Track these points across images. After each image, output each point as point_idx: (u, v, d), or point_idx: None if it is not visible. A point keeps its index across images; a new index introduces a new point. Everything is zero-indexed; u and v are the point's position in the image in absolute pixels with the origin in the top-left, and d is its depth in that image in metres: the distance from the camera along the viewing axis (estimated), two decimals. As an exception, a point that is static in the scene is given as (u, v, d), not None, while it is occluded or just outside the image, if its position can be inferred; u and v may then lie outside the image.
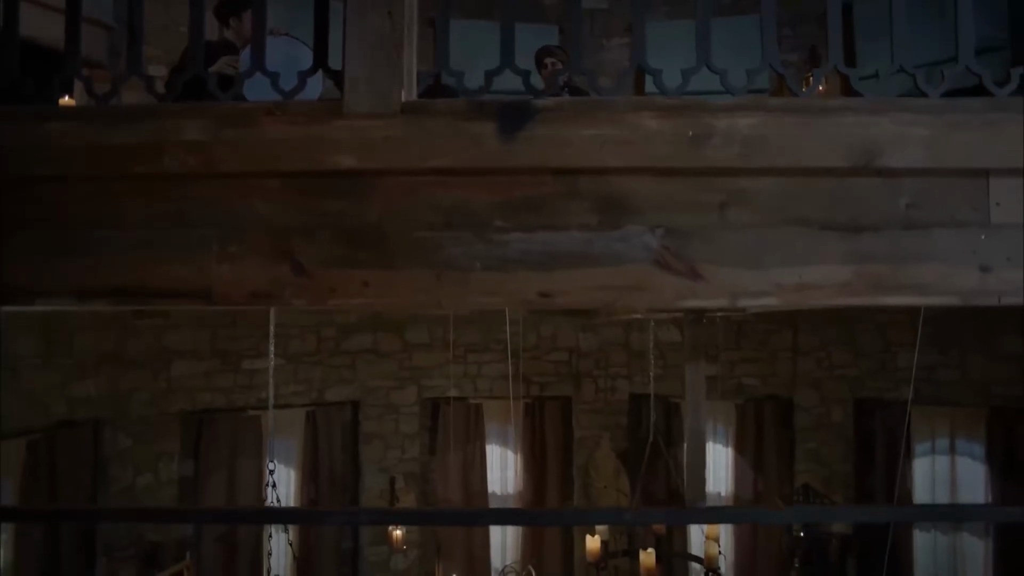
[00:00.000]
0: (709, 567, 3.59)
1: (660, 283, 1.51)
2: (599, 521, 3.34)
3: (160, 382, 5.40)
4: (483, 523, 1.96)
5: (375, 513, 3.05)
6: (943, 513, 2.98)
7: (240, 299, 1.54)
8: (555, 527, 6.49)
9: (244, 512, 3.19)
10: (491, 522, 2.11)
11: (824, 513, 1.83)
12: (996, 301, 1.51)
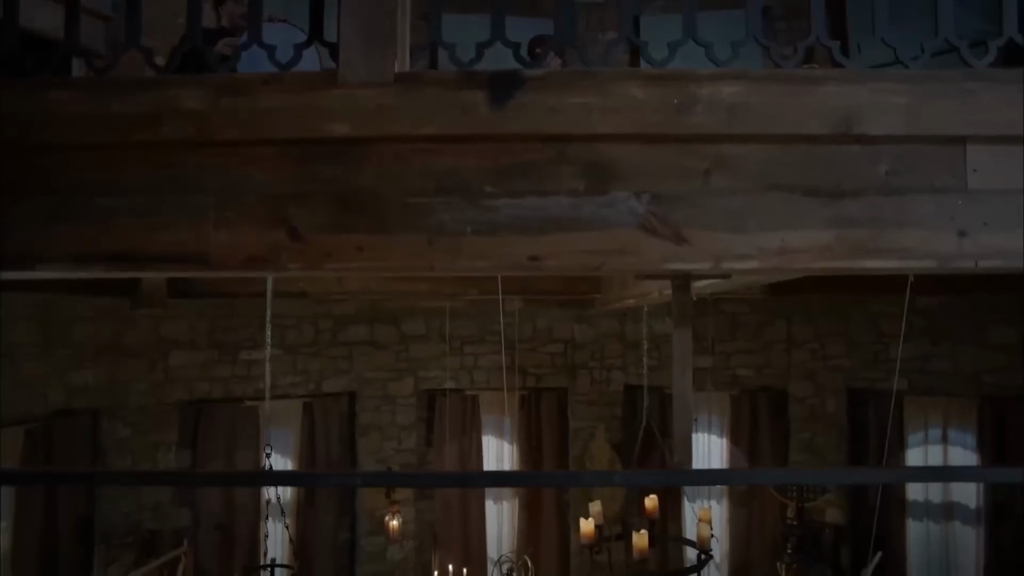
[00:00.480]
0: (701, 549, 3.62)
1: (646, 247, 1.55)
2: (590, 483, 3.37)
3: (158, 372, 5.43)
4: (477, 485, 2.00)
5: (370, 476, 3.09)
6: (933, 474, 3.01)
7: (237, 264, 1.58)
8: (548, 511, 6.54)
9: (241, 476, 3.24)
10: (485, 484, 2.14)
11: (813, 476, 1.86)
12: (973, 265, 1.56)
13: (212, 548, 5.51)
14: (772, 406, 6.43)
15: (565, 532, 6.56)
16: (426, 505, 6.53)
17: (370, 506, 6.20)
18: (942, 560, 5.82)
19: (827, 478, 2.87)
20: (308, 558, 6.11)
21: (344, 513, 6.30)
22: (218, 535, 5.48)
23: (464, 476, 3.39)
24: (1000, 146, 1.57)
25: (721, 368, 6.39)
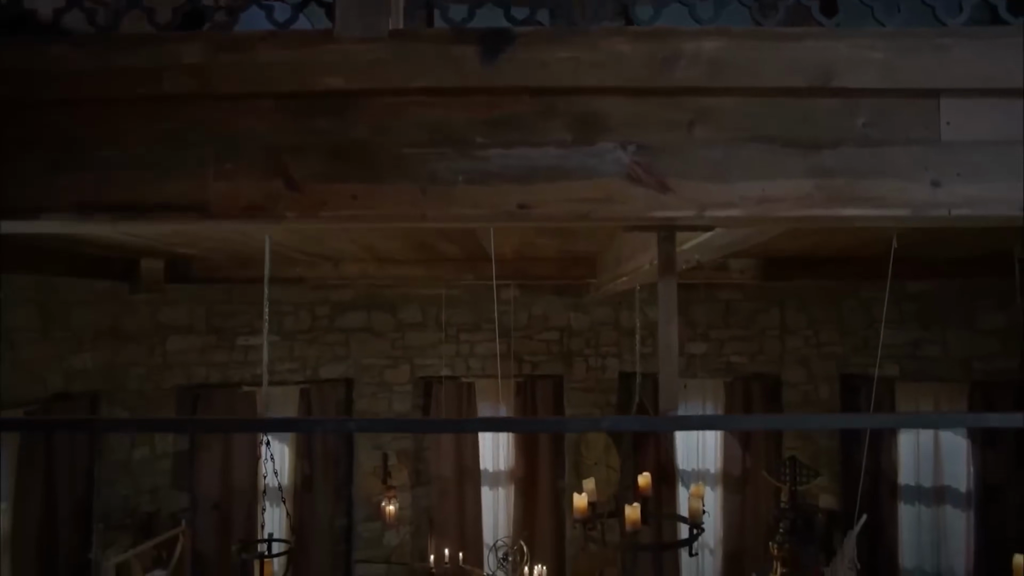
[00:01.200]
0: (692, 523, 3.67)
1: (631, 195, 1.60)
2: (578, 429, 3.36)
3: (156, 357, 5.47)
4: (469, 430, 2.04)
5: (364, 422, 3.13)
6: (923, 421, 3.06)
7: (235, 213, 1.63)
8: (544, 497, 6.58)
9: (240, 423, 3.30)
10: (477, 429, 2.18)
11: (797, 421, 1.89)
12: (947, 213, 1.61)
13: (209, 529, 5.55)
14: (765, 392, 6.49)
15: (560, 519, 6.61)
16: (423, 491, 6.58)
17: (367, 492, 6.25)
18: (933, 543, 5.89)
19: (817, 423, 2.92)
20: (305, 543, 6.15)
21: (340, 499, 6.35)
22: (216, 515, 5.53)
23: (457, 423, 3.44)
24: (972, 99, 1.62)
25: (715, 355, 6.45)
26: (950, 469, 5.86)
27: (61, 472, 5.05)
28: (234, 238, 4.00)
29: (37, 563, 4.92)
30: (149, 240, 4.07)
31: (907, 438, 6.04)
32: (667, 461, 6.50)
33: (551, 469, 6.63)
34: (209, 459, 5.72)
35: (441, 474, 6.56)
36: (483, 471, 6.63)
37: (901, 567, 5.98)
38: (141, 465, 5.36)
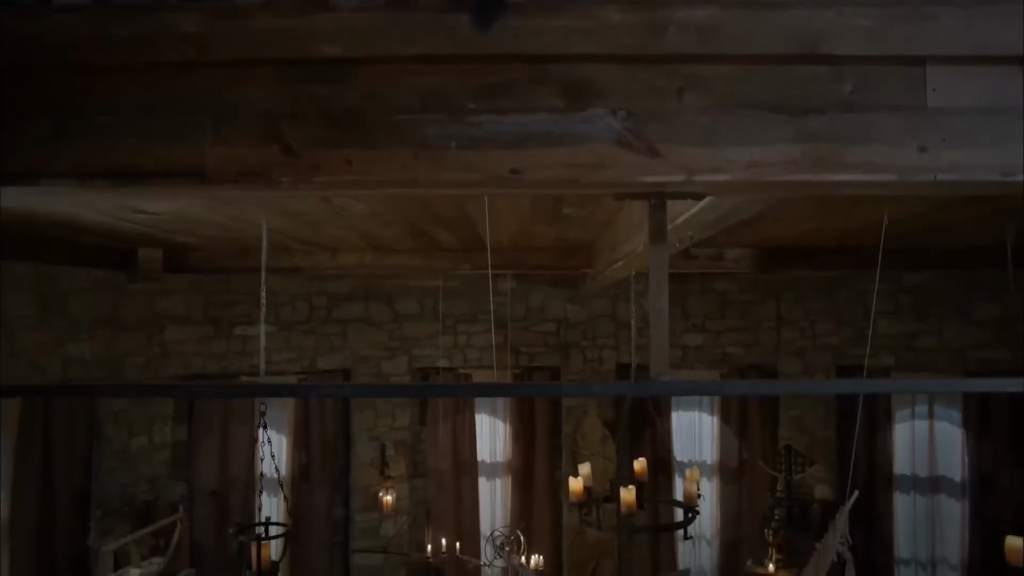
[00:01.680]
0: (688, 507, 3.70)
1: (622, 160, 1.62)
2: (570, 393, 3.34)
3: (154, 346, 5.49)
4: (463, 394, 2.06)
5: (359, 387, 3.15)
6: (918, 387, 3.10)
7: (232, 178, 1.65)
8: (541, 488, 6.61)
9: (237, 388, 3.31)
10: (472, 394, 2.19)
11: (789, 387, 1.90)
12: (932, 178, 1.63)
13: (207, 516, 5.57)
14: (761, 384, 6.50)
15: (557, 510, 6.63)
16: (420, 483, 6.60)
17: (364, 482, 6.27)
18: (928, 532, 5.92)
19: (809, 388, 2.94)
20: (302, 533, 6.17)
21: (337, 489, 6.36)
22: (213, 503, 5.55)
23: (453, 387, 3.47)
24: (958, 67, 1.65)
25: (711, 347, 6.48)
26: (945, 459, 5.89)
27: (59, 461, 5.07)
28: (231, 224, 4.03)
29: (35, 551, 4.94)
30: (148, 227, 4.09)
31: (903, 427, 6.08)
32: (664, 452, 6.52)
33: (548, 460, 6.65)
34: (207, 449, 5.74)
35: (438, 466, 6.58)
36: (480, 462, 6.66)
37: (897, 557, 6.01)
38: (139, 455, 5.37)
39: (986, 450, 5.69)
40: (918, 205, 3.57)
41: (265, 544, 3.47)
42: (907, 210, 3.68)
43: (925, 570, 5.93)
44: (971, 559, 5.72)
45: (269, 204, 3.40)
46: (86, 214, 3.68)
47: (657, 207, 1.76)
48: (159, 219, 3.83)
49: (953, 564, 5.83)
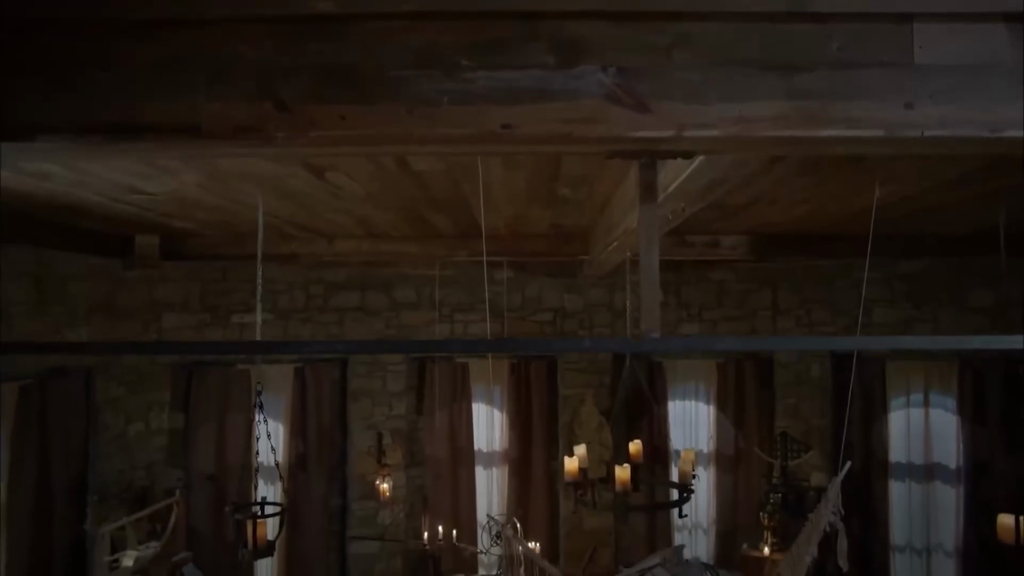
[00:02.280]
0: (683, 486, 3.72)
1: (612, 116, 1.64)
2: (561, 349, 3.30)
3: (151, 333, 5.50)
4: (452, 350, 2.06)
5: (352, 344, 3.18)
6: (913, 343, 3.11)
7: (226, 134, 1.67)
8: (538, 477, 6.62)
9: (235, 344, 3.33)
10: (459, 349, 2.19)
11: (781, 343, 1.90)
12: (920, 134, 1.66)
13: (204, 501, 5.59)
14: (758, 372, 6.53)
15: (554, 499, 6.65)
16: (417, 472, 6.61)
17: (361, 471, 6.27)
18: (923, 520, 5.94)
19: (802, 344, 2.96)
20: (299, 522, 6.18)
21: (334, 479, 6.37)
22: (210, 487, 5.57)
23: (443, 343, 3.48)
24: (944, 24, 1.67)
25: (708, 335, 6.50)
26: (940, 446, 5.91)
27: (56, 447, 5.08)
28: (228, 207, 4.04)
29: (32, 536, 4.94)
30: (144, 209, 4.10)
31: (898, 415, 6.10)
32: (661, 441, 6.54)
33: (544, 450, 6.66)
34: (204, 437, 5.75)
35: (435, 455, 6.60)
36: (477, 452, 6.67)
37: (892, 544, 6.03)
38: (136, 441, 5.38)
39: (981, 437, 5.72)
40: (909, 187, 3.59)
41: (261, 523, 3.48)
42: (898, 192, 3.70)
43: (920, 557, 5.95)
44: (966, 545, 5.74)
45: (265, 182, 3.41)
46: (84, 195, 3.69)
47: (647, 166, 1.78)
48: (156, 200, 3.84)
49: (948, 551, 5.85)
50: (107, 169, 3.15)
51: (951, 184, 3.50)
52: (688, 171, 2.06)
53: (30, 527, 4.94)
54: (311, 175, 3.27)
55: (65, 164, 3.06)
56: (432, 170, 3.20)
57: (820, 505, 2.94)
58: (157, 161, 2.97)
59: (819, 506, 2.96)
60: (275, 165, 3.08)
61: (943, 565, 5.87)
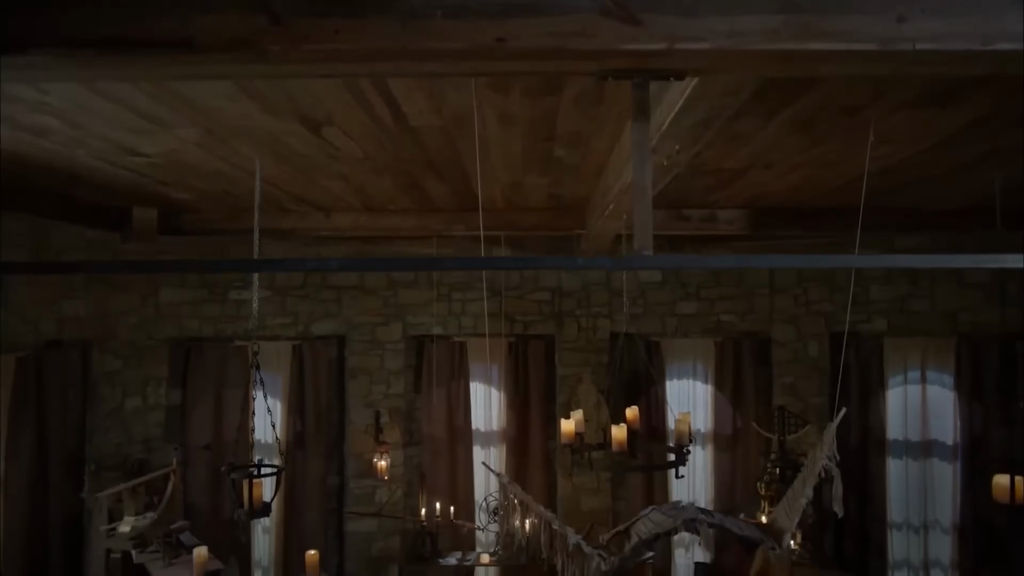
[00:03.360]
0: (680, 445, 3.72)
1: (604, 29, 1.65)
2: (554, 266, 3.23)
3: (148, 308, 5.50)
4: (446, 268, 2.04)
5: (344, 262, 3.17)
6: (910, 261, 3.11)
7: (220, 47, 1.67)
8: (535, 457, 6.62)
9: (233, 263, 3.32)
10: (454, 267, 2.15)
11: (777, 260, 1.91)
12: (911, 48, 1.66)
13: (201, 475, 5.59)
14: (755, 351, 6.54)
15: (551, 477, 6.65)
16: (415, 451, 6.61)
17: (358, 449, 6.28)
18: (920, 496, 5.94)
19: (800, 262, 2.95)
20: (296, 500, 6.18)
21: (332, 457, 6.37)
22: (207, 461, 5.57)
23: (434, 261, 3.48)
24: (936, -61, 1.68)
25: (705, 314, 6.51)
26: (937, 423, 5.92)
27: (53, 418, 5.08)
28: (225, 172, 4.04)
29: (29, 507, 4.95)
30: (142, 174, 4.09)
31: (896, 392, 6.10)
32: (658, 421, 6.54)
33: (542, 429, 6.66)
34: (201, 413, 5.74)
35: (433, 433, 6.60)
36: (475, 431, 6.67)
37: (889, 521, 6.03)
38: (133, 415, 5.38)
39: (978, 412, 5.72)
40: (904, 146, 3.59)
41: (257, 483, 3.48)
42: (894, 155, 3.71)
43: (917, 534, 5.95)
44: (963, 521, 5.74)
45: (262, 142, 3.42)
46: (82, 158, 3.70)
47: (639, 86, 1.78)
48: (153, 165, 3.84)
49: (945, 527, 5.85)
50: (105, 124, 3.15)
51: (947, 143, 3.50)
52: (679, 104, 2.07)
53: (27, 499, 4.94)
54: (308, 131, 3.27)
55: (63, 118, 3.07)
56: (429, 125, 3.20)
57: (816, 451, 2.95)
58: (153, 111, 2.98)
59: (814, 452, 2.96)
60: (271, 118, 3.08)
61: (940, 542, 5.88)
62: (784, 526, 2.94)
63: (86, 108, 2.95)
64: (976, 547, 5.65)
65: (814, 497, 6.11)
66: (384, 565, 6.26)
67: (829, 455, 2.88)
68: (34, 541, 4.95)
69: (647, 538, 3.06)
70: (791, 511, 2.96)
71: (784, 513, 2.98)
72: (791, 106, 2.95)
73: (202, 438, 5.67)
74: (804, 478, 2.99)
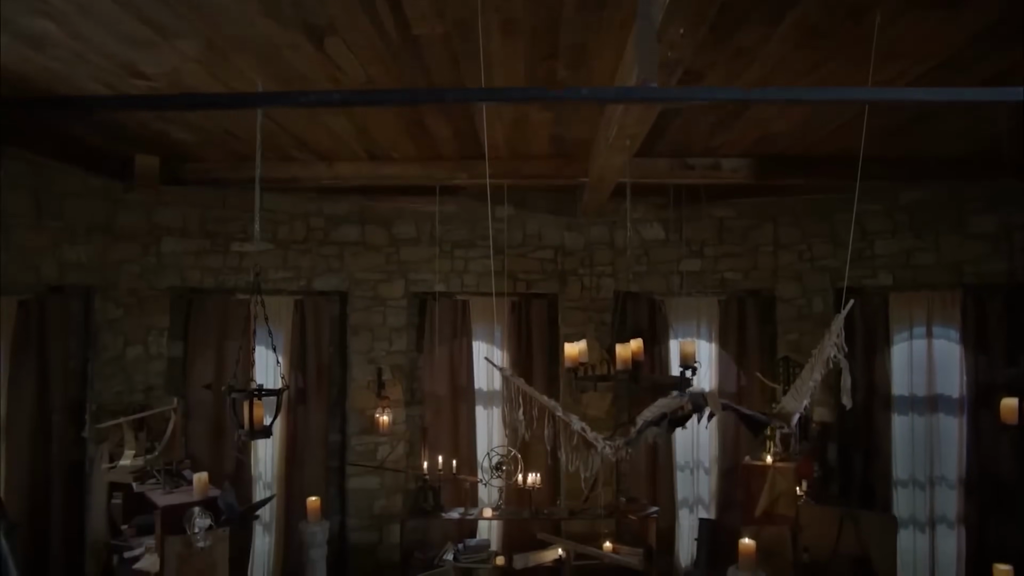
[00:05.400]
0: (684, 365, 3.70)
1: None
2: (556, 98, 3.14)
3: (150, 257, 5.48)
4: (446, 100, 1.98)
5: (348, 93, 3.14)
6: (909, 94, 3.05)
7: None
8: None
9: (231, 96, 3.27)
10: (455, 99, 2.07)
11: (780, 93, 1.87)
12: None
13: (202, 426, 5.57)
14: (760, 309, 6.50)
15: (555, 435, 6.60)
16: (417, 410, 6.58)
17: (360, 405, 6.25)
18: (926, 453, 5.89)
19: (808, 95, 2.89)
20: (298, 457, 6.16)
21: (333, 414, 6.34)
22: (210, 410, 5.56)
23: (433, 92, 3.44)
24: None
25: (709, 272, 6.48)
26: (943, 377, 5.87)
27: (55, 364, 5.06)
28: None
29: (31, 452, 4.93)
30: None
31: (900, 348, 6.06)
32: (663, 381, 6.50)
33: (544, 389, 6.59)
34: (202, 366, 5.71)
35: (435, 392, 6.57)
36: (477, 391, 6.63)
37: (895, 478, 5.98)
38: (135, 364, 5.36)
39: (984, 365, 5.68)
40: (909, 65, 3.56)
41: (258, 404, 3.45)
42: (898, 77, 3.68)
43: (923, 490, 5.90)
44: (969, 475, 5.69)
45: (263, 58, 3.40)
46: (82, 80, 3.68)
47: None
48: (154, 88, 3.82)
49: (951, 482, 5.80)
50: (106, 33, 3.13)
51: (954, 61, 3.47)
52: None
53: (29, 442, 4.92)
54: (310, 44, 3.25)
55: (63, 23, 3.05)
56: (431, 34, 3.18)
57: (824, 340, 2.92)
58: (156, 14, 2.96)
59: (823, 341, 2.94)
60: (273, 24, 3.06)
61: (946, 497, 5.83)
62: (792, 408, 2.93)
63: (87, 10, 2.94)
64: (983, 501, 5.60)
65: (818, 454, 6.09)
66: (386, 523, 6.23)
67: (837, 343, 2.85)
68: (36, 485, 4.92)
69: (653, 419, 3.02)
70: (799, 395, 2.93)
71: (792, 398, 2.95)
72: (796, 5, 2.92)
73: (203, 392, 5.63)
74: (812, 365, 2.97)
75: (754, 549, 4.10)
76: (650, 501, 6.33)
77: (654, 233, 6.61)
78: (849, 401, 2.94)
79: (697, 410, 2.97)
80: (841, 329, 2.88)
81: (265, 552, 6.04)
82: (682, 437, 6.69)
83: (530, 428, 3.04)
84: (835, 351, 2.83)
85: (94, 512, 4.87)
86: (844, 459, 6.11)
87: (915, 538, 5.86)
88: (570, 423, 3.03)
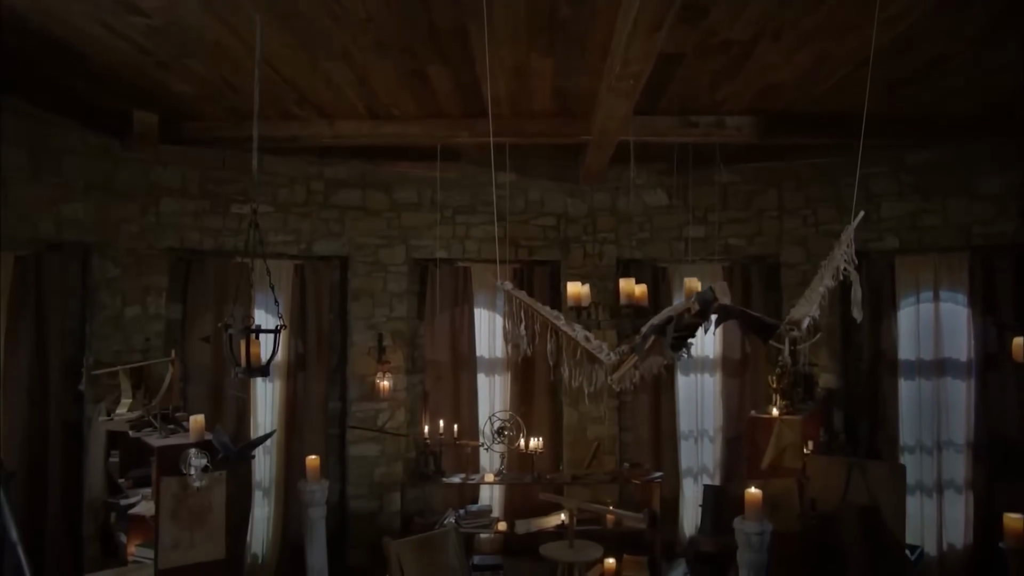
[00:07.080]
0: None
1: None
2: None
3: (149, 216, 5.43)
4: None
5: None
6: None
7: None
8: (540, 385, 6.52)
9: None
10: None
11: None
12: None
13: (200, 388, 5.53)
14: (764, 275, 6.44)
15: (557, 404, 6.55)
16: (417, 378, 6.53)
17: (360, 371, 6.20)
18: (933, 417, 5.82)
19: None
20: (297, 423, 6.10)
21: (334, 381, 6.29)
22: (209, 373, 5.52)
23: None
24: None
25: (713, 238, 6.42)
26: (950, 341, 5.80)
27: (52, 322, 5.02)
28: (225, 44, 3.96)
29: (28, 409, 4.89)
30: (142, 51, 4.03)
31: (907, 312, 5.99)
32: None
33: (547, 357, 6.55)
34: (200, 328, 5.66)
35: (436, 359, 6.51)
36: (479, 358, 6.58)
37: (901, 444, 5.91)
38: (133, 323, 5.31)
39: (992, 327, 5.60)
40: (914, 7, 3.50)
41: (255, 342, 3.40)
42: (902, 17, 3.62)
43: (931, 455, 5.83)
44: (977, 439, 5.62)
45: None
46: (77, 17, 3.63)
47: None
48: (151, 27, 3.77)
49: (958, 446, 5.73)
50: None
51: None
52: None
53: (27, 399, 4.88)
54: None
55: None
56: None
57: (834, 251, 2.87)
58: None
59: (833, 252, 2.89)
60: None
61: (953, 461, 5.75)
62: (802, 312, 2.87)
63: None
64: (991, 464, 5.53)
65: (824, 420, 6.01)
66: (387, 490, 6.17)
67: (846, 256, 2.79)
68: (33, 443, 4.88)
69: (659, 323, 2.97)
70: (809, 300, 2.88)
71: (803, 303, 2.90)
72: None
73: (202, 354, 5.59)
74: (822, 273, 2.93)
75: (761, 499, 4.04)
76: (654, 469, 6.26)
77: (657, 199, 6.55)
78: (859, 313, 2.88)
79: (705, 309, 2.90)
80: (852, 240, 2.82)
81: (265, 519, 5.98)
82: (686, 405, 6.63)
83: (532, 344, 2.98)
84: (844, 262, 2.76)
85: (92, 470, 4.82)
86: (850, 425, 6.03)
87: (922, 503, 5.79)
88: (573, 334, 2.97)
